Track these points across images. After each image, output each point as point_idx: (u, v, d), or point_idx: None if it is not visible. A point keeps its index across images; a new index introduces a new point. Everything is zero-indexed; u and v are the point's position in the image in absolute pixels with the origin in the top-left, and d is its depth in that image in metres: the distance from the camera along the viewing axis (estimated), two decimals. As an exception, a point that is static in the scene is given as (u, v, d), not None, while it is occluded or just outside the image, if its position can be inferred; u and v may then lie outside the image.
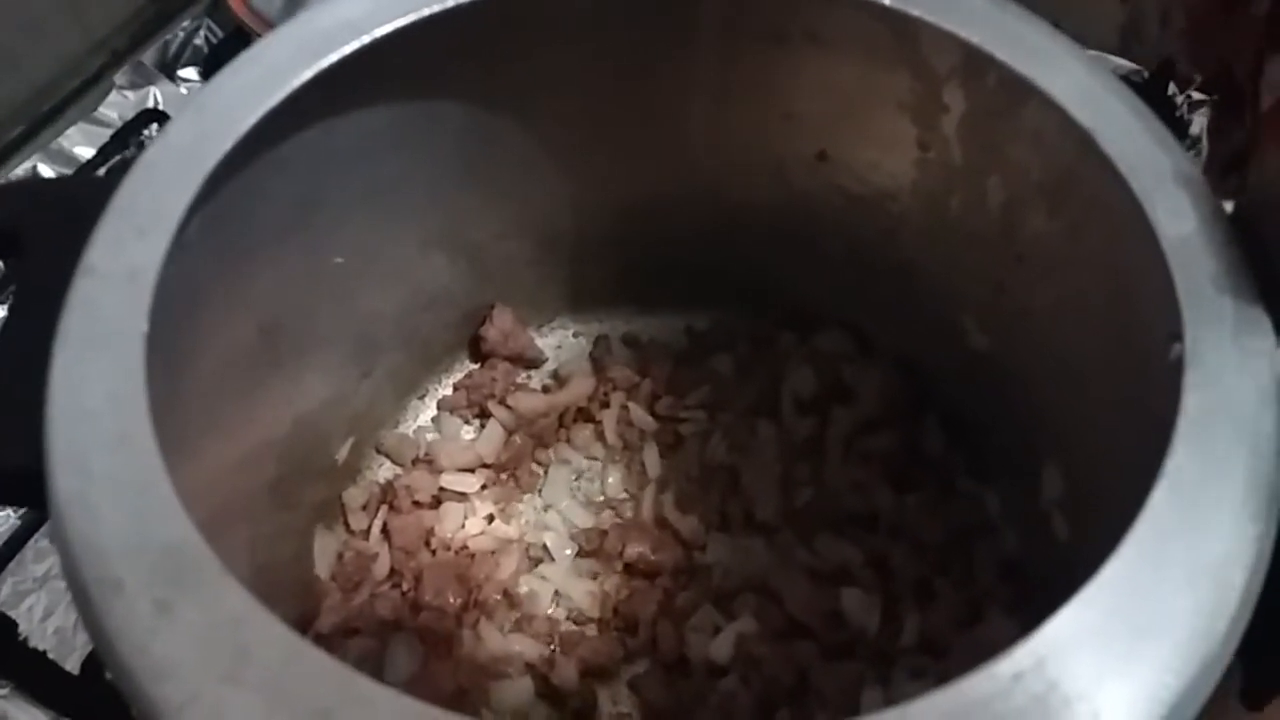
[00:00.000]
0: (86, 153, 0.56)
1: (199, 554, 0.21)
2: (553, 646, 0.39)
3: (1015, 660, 0.21)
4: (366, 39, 0.29)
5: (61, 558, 0.21)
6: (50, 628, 0.44)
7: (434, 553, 0.41)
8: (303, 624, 0.38)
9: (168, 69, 0.60)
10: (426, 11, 0.30)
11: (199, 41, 0.61)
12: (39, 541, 0.46)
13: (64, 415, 0.23)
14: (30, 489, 0.23)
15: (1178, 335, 0.26)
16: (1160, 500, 0.23)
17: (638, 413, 0.45)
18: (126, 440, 0.22)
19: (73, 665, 0.42)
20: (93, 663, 0.41)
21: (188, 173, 0.26)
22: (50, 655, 0.42)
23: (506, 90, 0.36)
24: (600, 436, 0.45)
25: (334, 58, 0.29)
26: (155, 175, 0.26)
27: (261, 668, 0.19)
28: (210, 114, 0.27)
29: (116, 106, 0.58)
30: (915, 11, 0.33)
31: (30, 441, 0.23)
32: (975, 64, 0.33)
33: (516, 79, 0.36)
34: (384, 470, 0.43)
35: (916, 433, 0.43)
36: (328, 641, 0.37)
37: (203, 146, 0.27)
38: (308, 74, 0.28)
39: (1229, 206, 0.29)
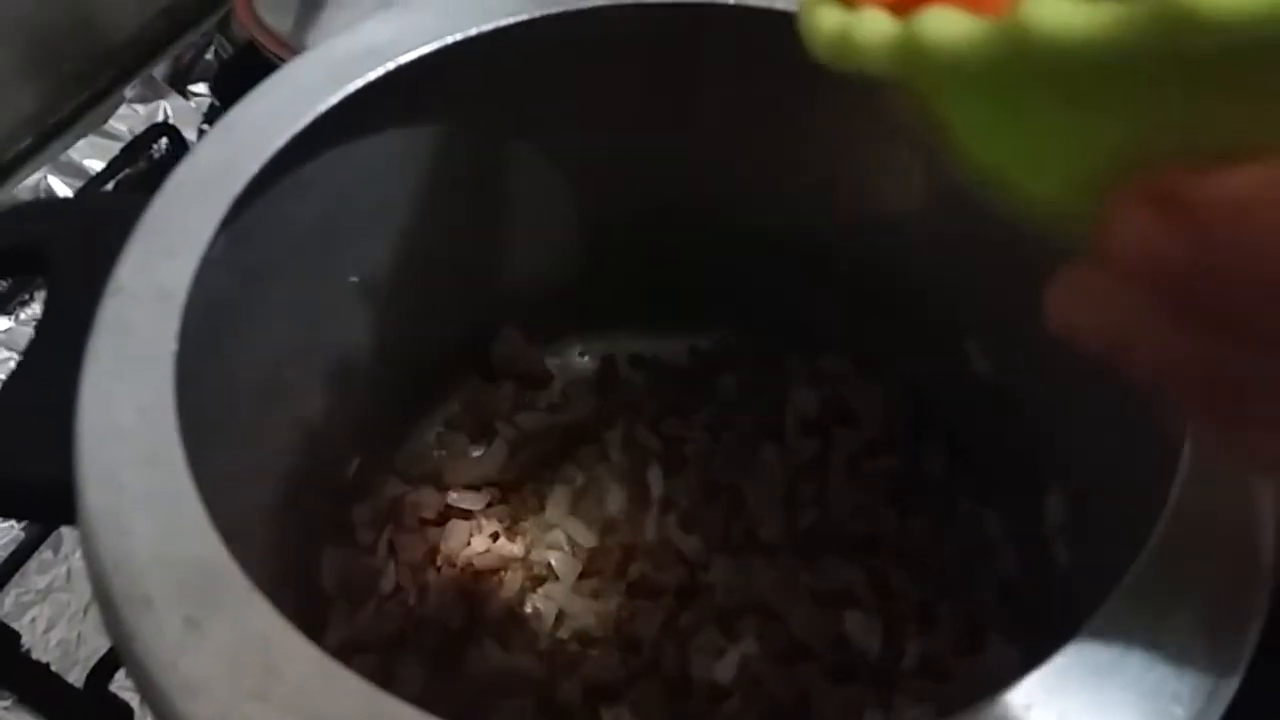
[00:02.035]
0: (96, 166, 0.56)
1: (228, 571, 0.21)
2: (556, 665, 0.39)
3: (1026, 690, 0.21)
4: (391, 65, 0.30)
5: (91, 574, 0.22)
6: (53, 640, 0.44)
7: (439, 570, 0.41)
8: (308, 638, 0.38)
9: (178, 83, 0.60)
10: (448, 40, 0.31)
11: (210, 57, 0.62)
12: (43, 553, 0.46)
13: (94, 432, 0.23)
14: (59, 504, 0.23)
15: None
16: (1167, 529, 0.24)
17: (642, 432, 0.45)
18: (156, 457, 0.22)
19: (75, 678, 0.42)
20: (96, 676, 0.41)
21: (216, 193, 0.26)
22: (53, 668, 0.43)
23: (520, 114, 0.37)
24: (605, 456, 0.45)
25: (359, 83, 0.29)
26: (184, 195, 0.27)
27: (290, 686, 0.20)
28: (238, 135, 0.28)
29: (126, 120, 0.59)
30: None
31: (59, 457, 0.23)
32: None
33: (530, 103, 0.37)
34: (391, 487, 0.43)
35: (919, 455, 0.43)
36: (333, 657, 0.38)
37: (231, 167, 0.27)
38: (333, 99, 0.29)
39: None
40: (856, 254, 0.42)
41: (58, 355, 0.25)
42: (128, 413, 0.23)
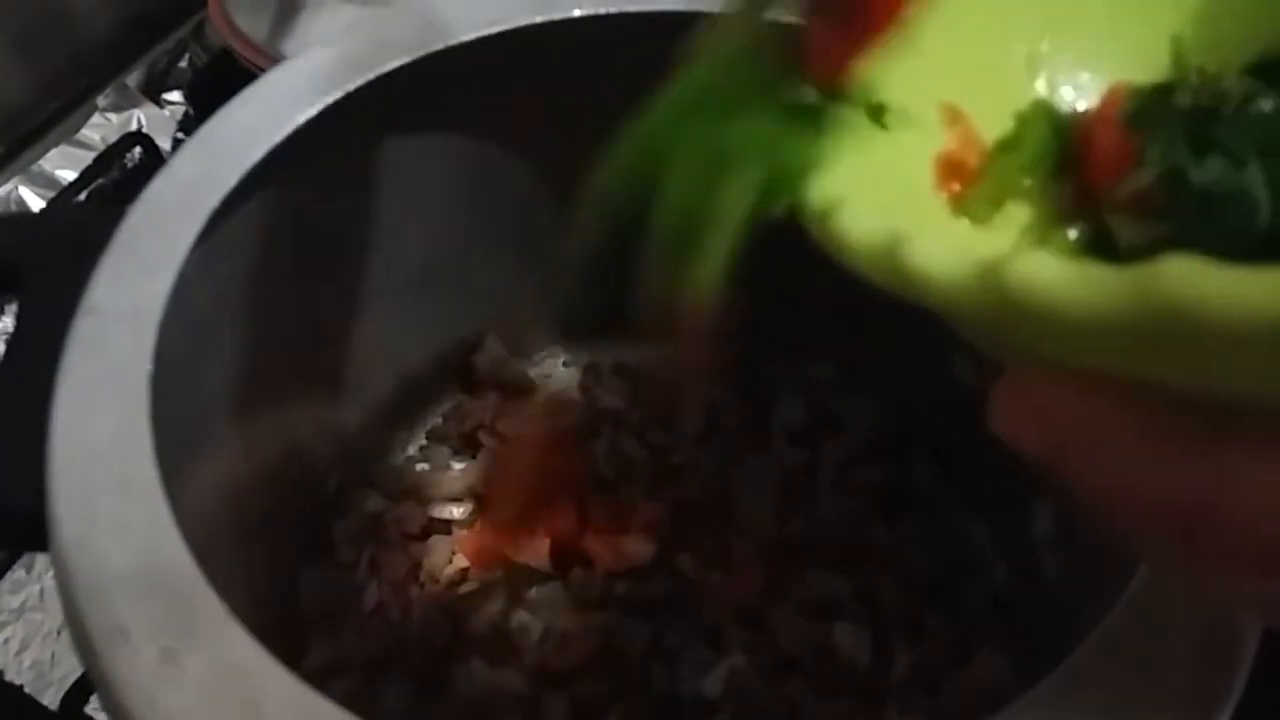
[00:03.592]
0: (68, 176, 0.55)
1: (205, 600, 0.20)
2: (543, 682, 0.39)
3: (1021, 710, 0.21)
4: (370, 75, 0.29)
5: (64, 603, 0.21)
6: (26, 661, 0.43)
7: (422, 586, 0.41)
8: (290, 660, 0.37)
9: (152, 91, 0.59)
10: (429, 49, 0.30)
11: (184, 64, 0.61)
12: (15, 573, 0.45)
13: (67, 457, 0.22)
14: (31, 531, 0.22)
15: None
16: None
17: (628, 442, 0.44)
18: (131, 483, 0.22)
19: (50, 700, 0.41)
20: (71, 698, 0.40)
21: (192, 209, 0.26)
22: (27, 690, 0.42)
23: (505, 127, 0.36)
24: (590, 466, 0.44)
25: (338, 94, 0.29)
26: (159, 211, 0.26)
27: (271, 717, 0.19)
28: (215, 149, 0.27)
29: (99, 129, 0.58)
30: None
31: (31, 482, 0.22)
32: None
33: (515, 116, 0.36)
34: (372, 502, 0.43)
35: (907, 465, 0.43)
36: (316, 679, 0.37)
37: (207, 182, 0.26)
38: (312, 110, 0.28)
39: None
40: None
41: (29, 375, 0.24)
42: (101, 437, 0.22)
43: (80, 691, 0.40)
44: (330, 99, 0.29)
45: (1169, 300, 0.12)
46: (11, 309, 0.50)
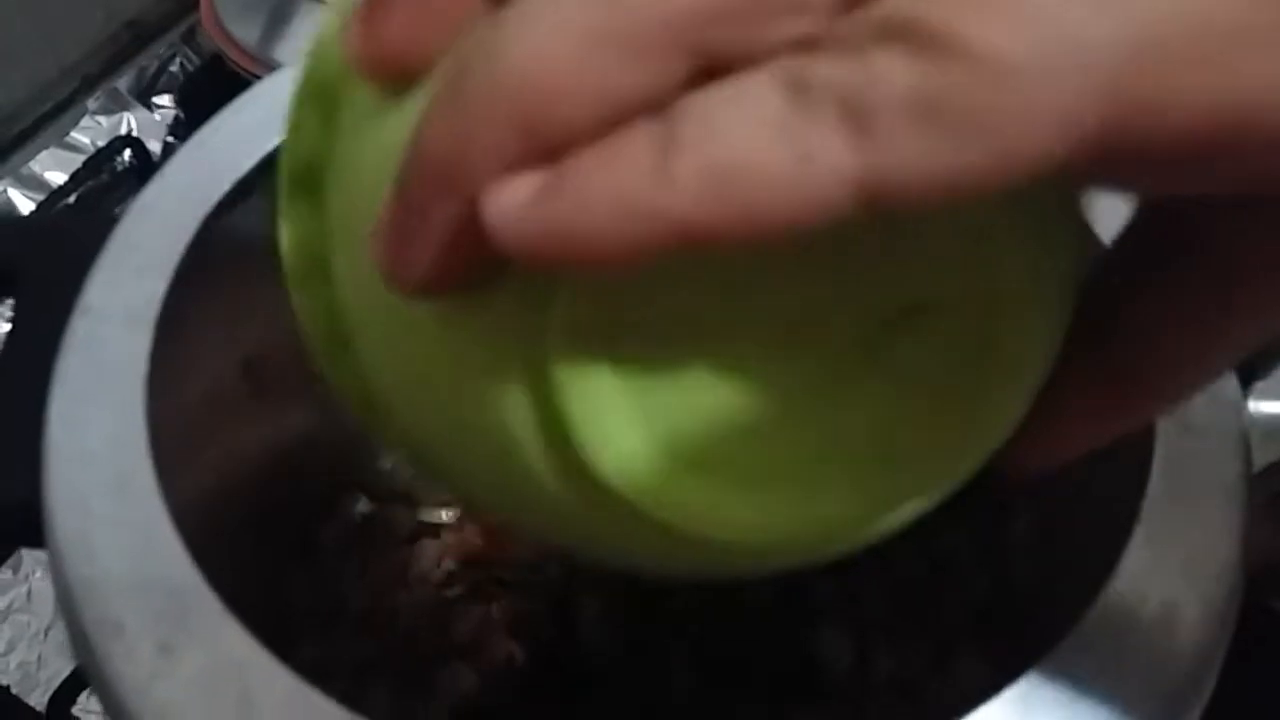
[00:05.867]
0: (58, 178, 0.55)
1: (201, 595, 0.21)
2: (529, 685, 0.39)
3: (995, 710, 0.22)
4: (365, 83, 0.30)
5: (60, 599, 0.21)
6: (13, 662, 0.43)
7: (410, 590, 0.41)
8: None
9: (142, 95, 0.60)
10: (424, 57, 0.31)
11: (175, 68, 0.61)
12: (2, 574, 0.45)
13: (63, 456, 0.22)
14: (22, 526, 0.23)
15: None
16: (1136, 549, 0.24)
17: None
18: (127, 481, 0.22)
19: (37, 701, 0.41)
20: (58, 699, 0.41)
21: (187, 213, 0.26)
22: (13, 690, 0.42)
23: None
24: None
25: (333, 101, 0.29)
26: (154, 215, 0.26)
27: (265, 711, 0.19)
28: (210, 153, 0.27)
29: (89, 132, 0.58)
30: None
31: (24, 479, 0.23)
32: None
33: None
34: (362, 505, 0.43)
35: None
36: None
37: (202, 186, 0.27)
38: (307, 116, 0.28)
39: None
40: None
41: (26, 376, 0.24)
42: (97, 436, 0.23)
43: (67, 692, 0.40)
44: (325, 106, 0.29)
45: None
46: (6, 311, 0.50)
